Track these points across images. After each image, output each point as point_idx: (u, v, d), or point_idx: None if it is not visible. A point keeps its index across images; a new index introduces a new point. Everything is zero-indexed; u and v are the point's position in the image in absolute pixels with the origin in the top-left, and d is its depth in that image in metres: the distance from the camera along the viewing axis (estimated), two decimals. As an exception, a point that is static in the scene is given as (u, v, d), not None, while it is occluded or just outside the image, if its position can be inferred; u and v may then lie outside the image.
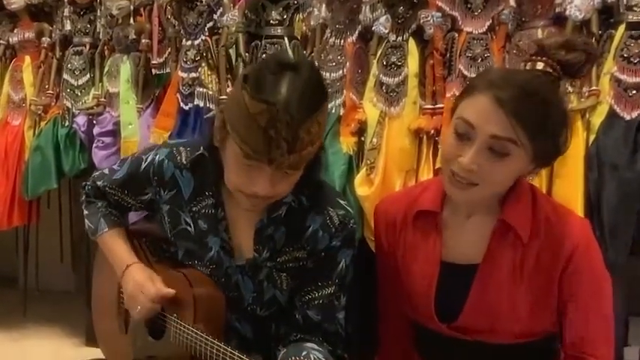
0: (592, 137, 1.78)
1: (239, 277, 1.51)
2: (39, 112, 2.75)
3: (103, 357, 1.94)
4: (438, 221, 1.42)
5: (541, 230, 1.35)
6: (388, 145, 2.01)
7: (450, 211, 1.42)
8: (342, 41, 2.12)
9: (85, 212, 1.71)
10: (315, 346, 1.43)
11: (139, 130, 2.49)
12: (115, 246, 1.63)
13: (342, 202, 1.51)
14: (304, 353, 1.38)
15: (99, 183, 1.67)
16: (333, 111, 2.11)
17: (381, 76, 2.03)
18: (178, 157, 1.52)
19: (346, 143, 2.09)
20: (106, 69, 2.62)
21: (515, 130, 1.23)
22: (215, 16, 2.30)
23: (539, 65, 1.32)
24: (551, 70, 1.31)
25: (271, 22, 2.24)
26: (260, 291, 1.51)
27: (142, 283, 1.52)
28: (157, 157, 1.54)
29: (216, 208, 1.50)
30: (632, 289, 1.73)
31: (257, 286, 1.51)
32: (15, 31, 2.84)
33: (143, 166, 1.56)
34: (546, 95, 1.27)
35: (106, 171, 1.69)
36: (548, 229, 1.35)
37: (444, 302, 1.40)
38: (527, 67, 1.33)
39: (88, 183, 1.71)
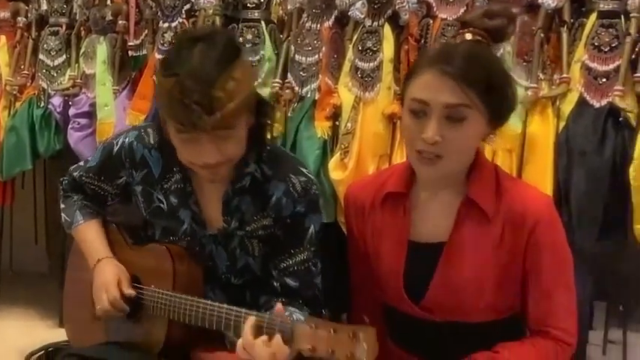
0: (562, 124, 1.80)
1: (212, 247, 1.57)
2: (14, 93, 2.72)
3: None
4: (405, 202, 1.47)
5: (505, 206, 1.39)
6: (362, 129, 2.03)
7: (417, 192, 1.47)
8: (319, 25, 2.12)
9: (62, 206, 1.76)
10: (297, 310, 1.48)
11: (115, 112, 2.47)
12: (89, 237, 1.69)
13: (303, 169, 1.56)
14: (286, 314, 1.40)
15: (75, 174, 1.73)
16: (308, 95, 2.13)
17: (356, 61, 2.04)
18: (146, 138, 1.59)
19: (321, 127, 2.10)
20: (82, 50, 2.59)
21: (466, 93, 1.30)
22: (192, -1, 2.29)
23: (468, 36, 1.40)
24: (480, 38, 1.38)
25: (248, 5, 2.23)
26: (233, 259, 1.57)
27: (107, 283, 1.58)
28: (127, 139, 1.61)
29: (184, 183, 1.56)
30: (597, 274, 1.75)
31: (230, 255, 1.57)
32: (-10, 11, 2.80)
33: (115, 149, 1.62)
34: (486, 56, 1.37)
35: (82, 163, 1.76)
36: (512, 205, 1.39)
37: (412, 281, 1.44)
38: (458, 41, 1.41)
39: (65, 177, 1.77)
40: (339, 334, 1.20)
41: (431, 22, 1.97)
